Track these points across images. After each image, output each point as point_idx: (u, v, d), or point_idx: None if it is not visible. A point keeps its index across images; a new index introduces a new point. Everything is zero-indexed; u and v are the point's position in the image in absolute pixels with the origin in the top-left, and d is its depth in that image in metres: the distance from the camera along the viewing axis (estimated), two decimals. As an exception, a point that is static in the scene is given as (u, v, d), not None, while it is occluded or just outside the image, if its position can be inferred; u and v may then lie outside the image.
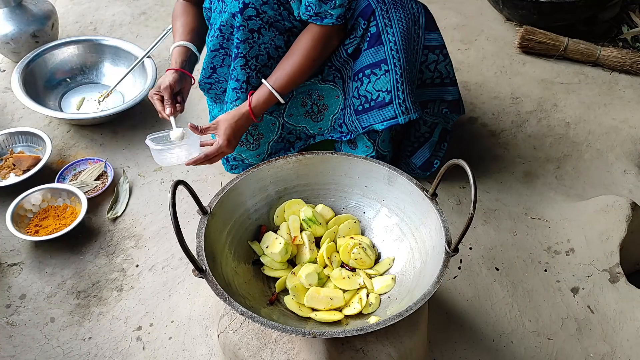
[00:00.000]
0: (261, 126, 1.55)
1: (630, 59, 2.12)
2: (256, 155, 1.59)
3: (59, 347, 1.31)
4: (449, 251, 1.09)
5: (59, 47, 1.98)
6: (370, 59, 1.39)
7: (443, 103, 1.52)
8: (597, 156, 1.83)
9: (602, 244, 1.51)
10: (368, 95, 1.42)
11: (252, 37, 1.39)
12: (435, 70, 1.47)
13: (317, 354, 1.07)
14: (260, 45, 1.40)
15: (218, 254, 1.16)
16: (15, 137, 1.76)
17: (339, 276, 1.21)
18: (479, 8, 2.48)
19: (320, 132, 1.59)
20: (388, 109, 1.41)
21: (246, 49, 1.40)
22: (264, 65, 1.44)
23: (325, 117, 1.56)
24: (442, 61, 1.46)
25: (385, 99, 1.40)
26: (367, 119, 1.45)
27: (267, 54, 1.42)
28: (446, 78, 1.49)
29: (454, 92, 1.52)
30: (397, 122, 1.40)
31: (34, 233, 1.50)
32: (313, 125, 1.58)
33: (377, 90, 1.40)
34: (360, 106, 1.45)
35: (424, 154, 1.63)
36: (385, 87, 1.39)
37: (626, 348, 1.35)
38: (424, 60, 1.44)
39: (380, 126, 1.42)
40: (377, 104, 1.42)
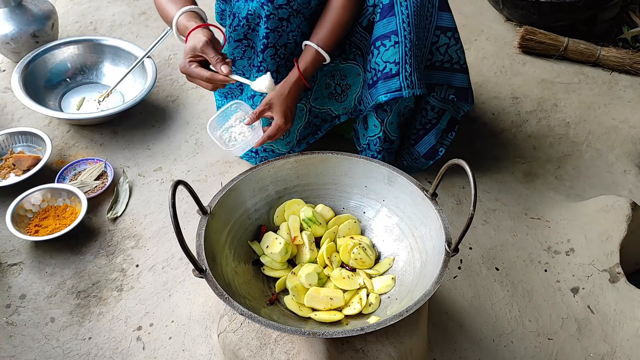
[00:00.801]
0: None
1: (630, 59, 2.12)
2: (286, 144, 1.59)
3: (59, 347, 1.31)
4: (449, 251, 1.09)
5: (59, 47, 1.98)
6: (382, 30, 1.39)
7: (451, 89, 1.50)
8: (597, 156, 1.83)
9: (602, 244, 1.51)
10: (377, 67, 1.42)
11: (282, 26, 1.39)
12: (446, 53, 1.45)
13: (317, 354, 1.07)
14: (289, 33, 1.41)
15: (218, 254, 1.16)
16: (15, 137, 1.76)
17: (339, 276, 1.21)
18: (479, 8, 2.48)
19: (345, 112, 1.59)
20: (394, 81, 1.39)
21: (276, 38, 1.39)
22: (292, 54, 1.44)
23: (349, 97, 1.56)
24: (454, 45, 1.45)
25: (392, 70, 1.39)
26: (374, 92, 1.44)
27: (294, 42, 1.43)
28: (456, 63, 1.48)
29: (463, 80, 1.50)
30: (401, 94, 1.38)
31: (34, 233, 1.50)
32: (338, 106, 1.58)
33: (384, 62, 1.39)
34: (371, 80, 1.44)
35: (430, 141, 1.62)
36: (394, 58, 1.38)
37: (626, 348, 1.35)
38: (435, 41, 1.43)
39: (384, 97, 1.41)
40: (383, 75, 1.40)
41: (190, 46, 1.25)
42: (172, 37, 2.14)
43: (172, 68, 2.11)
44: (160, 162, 1.76)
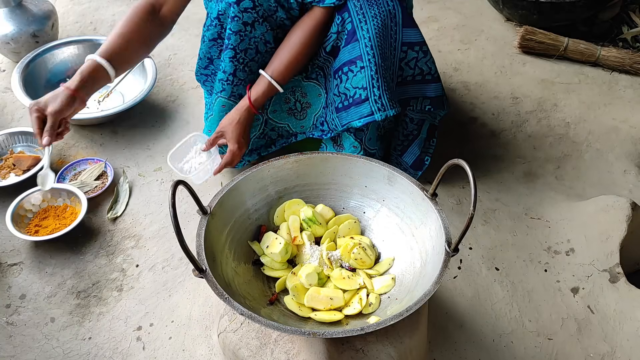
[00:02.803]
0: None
1: (630, 59, 2.12)
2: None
3: (59, 347, 1.31)
4: (449, 251, 1.09)
5: (59, 47, 1.98)
6: (348, 56, 1.39)
7: (426, 100, 1.51)
8: (597, 156, 1.83)
9: (602, 244, 1.51)
10: (347, 93, 1.42)
11: (245, 30, 1.39)
12: (416, 67, 1.45)
13: (317, 354, 1.07)
14: (251, 39, 1.41)
15: (218, 254, 1.16)
16: (15, 137, 1.76)
17: (339, 276, 1.21)
18: (479, 8, 2.48)
19: (302, 131, 1.59)
20: (364, 106, 1.40)
21: (237, 41, 1.40)
22: (252, 60, 1.44)
23: (307, 115, 1.56)
24: (423, 58, 1.45)
25: (362, 96, 1.40)
26: (346, 116, 1.45)
27: (255, 48, 1.43)
28: (427, 74, 1.47)
29: (436, 88, 1.50)
30: (374, 118, 1.39)
31: (34, 233, 1.50)
32: (295, 123, 1.58)
33: (354, 87, 1.40)
34: (341, 104, 1.45)
35: (414, 152, 1.63)
36: (361, 83, 1.39)
37: (626, 348, 1.35)
38: (403, 57, 1.43)
39: (358, 123, 1.42)
40: (354, 101, 1.41)
41: (45, 99, 1.36)
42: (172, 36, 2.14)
43: (172, 68, 2.11)
44: (160, 162, 1.76)
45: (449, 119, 1.92)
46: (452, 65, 2.17)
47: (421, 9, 2.48)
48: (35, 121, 1.35)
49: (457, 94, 2.04)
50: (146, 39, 1.47)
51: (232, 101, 1.51)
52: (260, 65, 1.47)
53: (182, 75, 2.08)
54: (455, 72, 2.13)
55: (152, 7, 1.46)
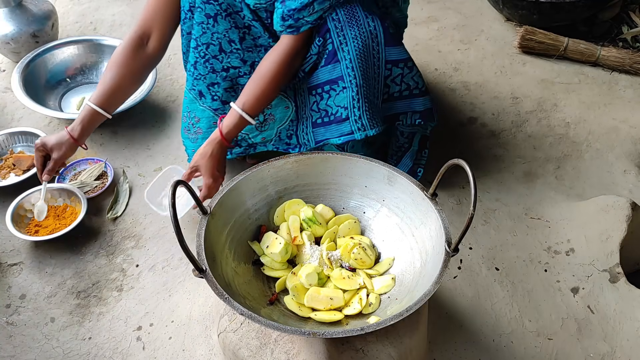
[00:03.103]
0: (202, 121, 1.55)
1: (630, 59, 2.12)
2: (192, 149, 1.61)
3: (59, 347, 1.31)
4: (449, 251, 1.09)
5: (59, 47, 1.98)
6: (328, 76, 1.39)
7: (415, 114, 1.50)
8: (597, 156, 1.83)
9: (602, 244, 1.51)
10: (328, 110, 1.43)
11: (207, 23, 1.39)
12: (402, 82, 1.44)
13: (317, 354, 1.07)
14: (214, 34, 1.41)
15: (218, 254, 1.16)
16: (15, 137, 1.76)
17: (339, 276, 1.21)
18: (479, 8, 2.48)
19: (263, 142, 1.57)
20: (345, 125, 1.41)
21: (199, 33, 1.41)
22: (214, 57, 1.44)
23: (269, 127, 1.54)
24: (409, 73, 1.43)
25: (343, 115, 1.41)
26: (324, 132, 1.45)
27: (219, 46, 1.43)
28: (415, 89, 1.46)
29: (424, 102, 1.49)
30: (354, 137, 1.40)
31: (34, 233, 1.50)
32: (256, 134, 1.56)
33: (336, 106, 1.41)
34: (320, 119, 1.45)
35: (407, 163, 1.62)
36: (343, 103, 1.40)
37: (626, 348, 1.35)
38: (388, 74, 1.42)
39: (337, 140, 1.43)
40: (336, 118, 1.42)
41: (52, 144, 1.47)
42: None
43: (172, 68, 2.11)
44: (160, 162, 1.76)
45: (449, 119, 1.92)
46: (452, 65, 2.17)
47: (421, 9, 2.48)
48: (39, 159, 1.48)
49: (457, 94, 2.04)
50: (138, 75, 1.53)
51: (192, 95, 1.53)
52: (224, 68, 1.46)
53: (182, 75, 2.08)
54: (455, 72, 2.13)
55: (140, 40, 1.48)
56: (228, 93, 1.51)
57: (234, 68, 1.46)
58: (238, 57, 1.45)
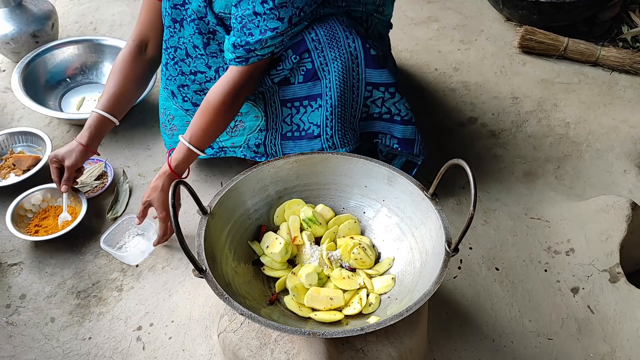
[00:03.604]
0: (176, 119, 1.56)
1: (630, 59, 2.11)
2: (169, 145, 1.62)
3: (59, 347, 1.31)
4: (449, 251, 1.09)
5: (59, 47, 1.98)
6: (307, 91, 1.39)
7: (394, 138, 1.48)
8: (597, 156, 1.83)
9: (602, 244, 1.51)
10: (301, 125, 1.43)
11: (174, 27, 1.41)
12: (383, 106, 1.43)
13: (317, 354, 1.07)
14: (180, 38, 1.43)
15: (218, 254, 1.16)
16: (15, 137, 1.76)
17: (339, 276, 1.21)
18: (479, 8, 2.48)
19: (233, 147, 1.56)
20: (316, 142, 1.43)
21: (167, 36, 1.44)
22: (182, 60, 1.46)
23: (239, 133, 1.54)
24: (390, 99, 1.42)
25: (315, 132, 1.42)
26: (292, 146, 1.46)
27: (185, 50, 1.44)
28: (396, 115, 1.44)
29: (405, 131, 1.46)
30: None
31: (34, 233, 1.50)
32: (226, 138, 1.55)
33: (309, 122, 1.42)
34: (290, 133, 1.45)
35: None
36: (316, 120, 1.40)
37: (626, 348, 1.35)
38: (368, 96, 1.41)
39: None
40: (307, 134, 1.43)
41: (63, 154, 1.46)
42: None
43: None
44: (160, 162, 1.76)
45: (449, 119, 1.92)
46: (452, 65, 2.17)
47: (421, 9, 2.48)
48: (55, 172, 1.48)
49: (457, 94, 2.04)
50: (140, 80, 1.55)
51: (166, 94, 1.55)
52: (192, 71, 1.47)
53: (182, 75, 2.08)
54: (455, 72, 2.13)
55: (138, 48, 1.52)
56: (198, 95, 1.51)
57: (201, 73, 1.48)
58: (203, 62, 1.46)
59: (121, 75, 1.49)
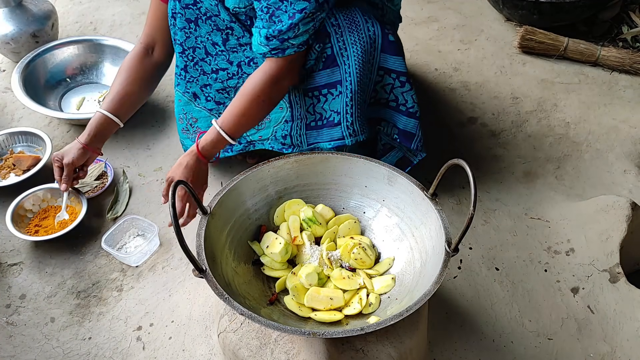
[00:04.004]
0: (200, 121, 1.55)
1: (630, 59, 2.11)
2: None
3: (59, 347, 1.31)
4: (449, 251, 1.09)
5: (59, 47, 1.98)
6: (327, 79, 1.38)
7: (395, 128, 1.48)
8: (597, 156, 1.83)
9: (602, 244, 1.51)
10: (323, 113, 1.43)
11: (189, 27, 1.40)
12: (391, 93, 1.43)
13: (317, 354, 1.07)
14: (197, 37, 1.42)
15: (218, 254, 1.16)
16: (15, 137, 1.76)
17: (339, 276, 1.21)
18: (479, 8, 2.48)
19: (261, 140, 1.56)
20: (336, 130, 1.41)
21: (183, 38, 1.42)
22: (202, 60, 1.45)
23: (266, 126, 1.53)
24: (399, 87, 1.41)
25: (335, 120, 1.41)
26: (315, 135, 1.45)
27: (204, 49, 1.43)
28: (402, 105, 1.44)
29: (407, 123, 1.46)
30: (344, 143, 1.41)
31: (34, 233, 1.50)
32: (254, 132, 1.55)
33: (330, 110, 1.41)
34: (314, 122, 1.45)
35: None
36: (337, 108, 1.39)
37: (626, 348, 1.35)
38: (379, 80, 1.40)
39: (328, 145, 1.43)
40: (328, 122, 1.42)
41: (64, 151, 1.46)
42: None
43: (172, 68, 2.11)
44: (160, 162, 1.76)
45: (449, 119, 1.92)
46: (452, 65, 2.16)
47: (421, 9, 2.48)
48: (56, 170, 1.46)
49: (457, 94, 2.04)
50: (146, 83, 1.54)
51: (187, 97, 1.53)
52: (214, 69, 1.46)
53: (182, 75, 2.08)
54: (455, 72, 2.13)
55: (145, 51, 1.51)
56: (221, 94, 1.51)
57: (222, 70, 1.47)
58: (224, 58, 1.45)
59: (127, 76, 1.48)
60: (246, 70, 1.46)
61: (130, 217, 1.53)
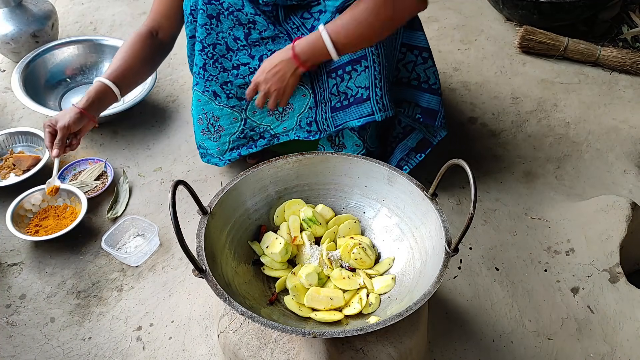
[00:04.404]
0: (221, 119, 1.54)
1: (630, 59, 2.12)
2: (217, 148, 1.58)
3: (59, 347, 1.31)
4: (449, 251, 1.09)
5: (59, 47, 1.98)
6: (349, 56, 1.37)
7: (417, 107, 1.47)
8: (597, 156, 1.83)
9: (602, 244, 1.51)
10: (348, 92, 1.40)
11: (211, 24, 1.39)
12: (413, 71, 1.42)
13: (317, 354, 1.07)
14: (219, 33, 1.40)
15: (218, 254, 1.16)
16: (15, 137, 1.76)
17: (339, 276, 1.21)
18: (479, 8, 2.48)
19: (285, 132, 1.54)
20: (365, 105, 1.38)
21: (203, 34, 1.41)
22: (222, 56, 1.43)
23: (289, 116, 1.52)
24: (421, 64, 1.41)
25: (363, 95, 1.38)
26: (343, 116, 1.43)
27: (225, 45, 1.42)
28: (424, 83, 1.44)
29: (430, 100, 1.45)
30: (374, 119, 1.38)
31: (34, 233, 1.50)
32: (277, 125, 1.54)
33: (356, 87, 1.38)
34: (339, 103, 1.43)
35: (396, 157, 1.60)
36: (364, 83, 1.37)
37: (626, 348, 1.35)
38: (401, 58, 1.40)
39: (357, 122, 1.40)
40: (356, 100, 1.39)
41: (58, 116, 1.43)
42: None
43: (172, 68, 2.11)
44: (160, 162, 1.76)
45: (449, 119, 1.92)
46: (452, 65, 2.17)
47: (421, 9, 2.48)
48: (47, 136, 1.43)
49: (457, 94, 2.04)
50: (148, 61, 1.55)
51: (207, 96, 1.51)
52: (234, 65, 1.45)
53: (182, 75, 2.08)
54: (455, 72, 2.13)
55: (149, 33, 1.52)
56: (242, 89, 1.49)
57: (244, 65, 1.45)
58: (246, 53, 1.43)
59: (130, 52, 1.49)
60: None
61: (130, 217, 1.53)
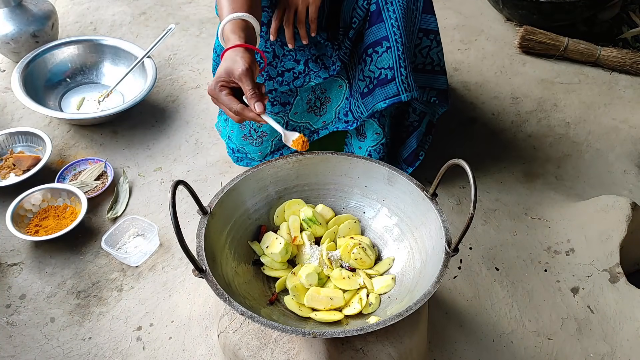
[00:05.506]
0: (265, 125, 1.54)
1: (630, 59, 2.12)
2: (259, 152, 1.58)
3: (59, 347, 1.31)
4: (449, 251, 1.09)
5: (59, 47, 1.98)
6: (372, 37, 1.36)
7: (432, 91, 1.48)
8: (597, 156, 1.83)
9: (602, 244, 1.51)
10: (372, 75, 1.39)
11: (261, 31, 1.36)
12: (428, 56, 1.43)
13: (317, 354, 1.07)
14: (267, 41, 1.38)
15: (218, 254, 1.16)
16: (15, 137, 1.76)
17: (339, 276, 1.21)
18: (479, 8, 2.48)
19: (325, 126, 1.55)
20: (391, 86, 1.36)
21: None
22: (269, 64, 1.41)
23: (328, 110, 1.52)
24: (435, 47, 1.42)
25: (388, 76, 1.36)
26: (371, 100, 1.41)
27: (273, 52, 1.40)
28: (437, 65, 1.45)
29: (443, 82, 1.47)
30: (400, 99, 1.37)
31: (34, 233, 1.50)
32: (316, 120, 1.54)
33: (379, 68, 1.37)
34: (366, 88, 1.41)
35: (411, 145, 1.60)
36: (387, 64, 1.35)
37: (626, 348, 1.35)
38: (418, 43, 1.40)
39: (383, 104, 1.38)
40: (379, 82, 1.38)
41: (225, 69, 1.09)
42: (172, 36, 2.14)
43: (172, 68, 2.11)
44: (160, 162, 1.76)
45: (449, 119, 1.92)
46: (452, 65, 2.16)
47: (421, 9, 2.48)
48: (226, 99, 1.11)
49: (457, 94, 2.04)
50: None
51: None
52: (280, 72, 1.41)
53: (182, 75, 2.08)
54: (455, 72, 2.13)
55: None
56: (287, 95, 1.48)
57: (288, 71, 1.42)
58: (291, 58, 1.41)
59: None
60: (313, 67, 1.42)
61: (130, 217, 1.53)
